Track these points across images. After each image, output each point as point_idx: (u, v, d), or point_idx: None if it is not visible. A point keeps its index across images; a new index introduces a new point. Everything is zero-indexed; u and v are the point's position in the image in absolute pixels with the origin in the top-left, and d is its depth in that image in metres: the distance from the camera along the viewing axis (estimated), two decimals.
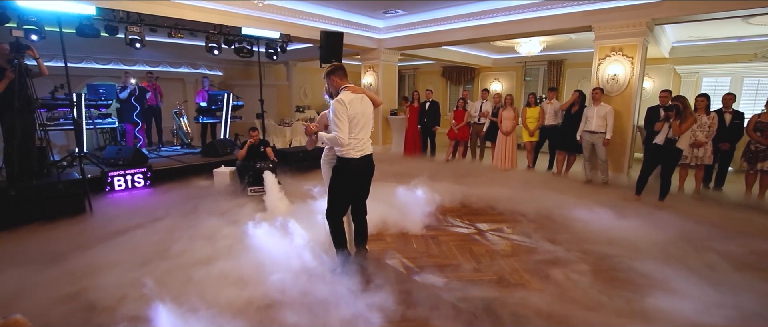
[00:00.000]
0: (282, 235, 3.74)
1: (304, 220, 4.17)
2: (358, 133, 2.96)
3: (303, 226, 3.92)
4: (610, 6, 6.14)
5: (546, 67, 12.27)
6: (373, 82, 9.76)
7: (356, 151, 2.96)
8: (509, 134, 7.37)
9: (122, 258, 3.29)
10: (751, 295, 2.74)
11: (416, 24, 8.60)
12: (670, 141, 4.96)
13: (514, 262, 3.45)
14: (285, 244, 3.53)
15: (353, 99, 2.92)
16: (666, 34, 8.67)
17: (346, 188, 3.06)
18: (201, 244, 3.59)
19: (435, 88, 12.87)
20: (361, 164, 3.02)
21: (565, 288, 2.93)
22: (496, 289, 2.94)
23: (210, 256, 3.33)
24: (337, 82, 3.04)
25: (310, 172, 6.95)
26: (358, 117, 2.94)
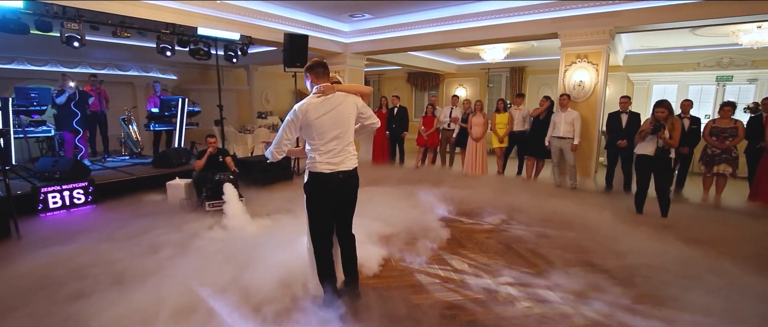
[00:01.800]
0: (245, 257, 3.38)
1: (271, 238, 3.83)
2: (327, 143, 2.49)
3: (270, 245, 3.58)
4: (576, 14, 6.25)
5: (508, 73, 12.49)
6: None
7: (326, 165, 2.49)
8: (479, 140, 7.33)
9: (35, 298, 2.73)
10: None
11: (383, 28, 8.43)
12: (663, 151, 4.63)
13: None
14: (250, 267, 3.16)
15: (315, 104, 2.47)
16: (621, 43, 9.03)
17: (319, 208, 2.59)
18: (141, 269, 3.18)
19: (400, 94, 12.76)
20: (334, 181, 2.51)
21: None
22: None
23: (148, 291, 2.80)
24: (313, 79, 2.59)
25: (276, 183, 6.54)
26: (323, 123, 2.47)
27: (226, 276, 3.02)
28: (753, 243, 3.98)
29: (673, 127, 4.56)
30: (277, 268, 3.08)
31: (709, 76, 9.90)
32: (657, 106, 4.63)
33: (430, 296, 2.90)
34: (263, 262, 3.24)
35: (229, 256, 3.43)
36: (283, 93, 13.67)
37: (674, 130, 4.57)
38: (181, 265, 3.24)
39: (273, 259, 3.28)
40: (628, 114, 6.07)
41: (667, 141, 4.56)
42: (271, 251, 3.44)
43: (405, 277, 3.22)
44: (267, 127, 9.97)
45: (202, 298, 2.72)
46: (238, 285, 2.88)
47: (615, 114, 6.19)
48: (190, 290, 2.80)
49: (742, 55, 9.26)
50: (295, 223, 4.26)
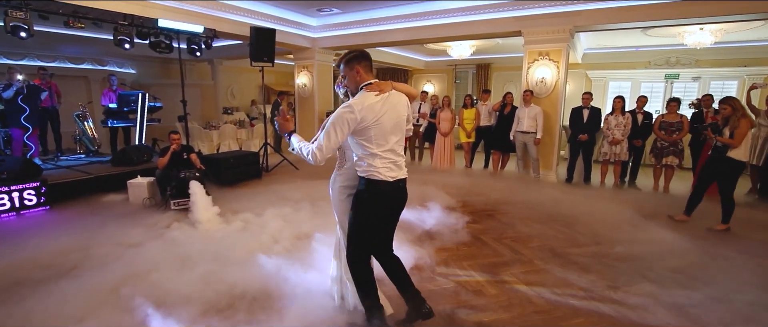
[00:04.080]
0: (208, 260, 3.28)
1: (240, 238, 3.79)
2: (387, 147, 2.11)
3: (235, 248, 3.54)
4: (538, 13, 6.49)
5: (474, 70, 12.79)
6: (308, 82, 9.37)
7: (388, 171, 2.11)
8: (447, 135, 7.49)
9: None
10: None
11: (351, 23, 8.41)
12: (719, 150, 4.30)
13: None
14: (210, 272, 3.06)
15: (374, 103, 2.06)
16: (580, 42, 9.46)
17: (375, 223, 2.22)
18: (95, 271, 3.05)
19: None
20: (395, 190, 2.17)
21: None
22: None
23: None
24: (362, 75, 2.15)
25: (245, 182, 6.41)
26: (384, 125, 2.09)
27: (182, 282, 2.87)
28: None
29: (736, 125, 4.18)
30: (238, 275, 2.99)
31: (658, 73, 10.57)
32: (585, 95, 4.67)
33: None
34: (225, 266, 3.17)
35: (188, 258, 3.31)
36: (250, 88, 13.36)
37: (739, 128, 4.16)
38: (138, 265, 3.16)
39: (235, 264, 3.20)
40: (589, 109, 6.39)
41: (726, 141, 4.24)
42: (235, 255, 3.39)
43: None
44: (234, 123, 9.72)
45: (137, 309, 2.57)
46: (188, 293, 2.72)
47: (577, 109, 6.50)
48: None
49: (687, 55, 9.94)
50: (265, 223, 4.21)
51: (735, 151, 4.21)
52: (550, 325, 2.50)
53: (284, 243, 3.69)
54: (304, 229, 4.02)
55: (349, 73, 2.17)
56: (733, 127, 4.21)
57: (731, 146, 4.21)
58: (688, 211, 4.61)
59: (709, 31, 7.39)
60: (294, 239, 3.80)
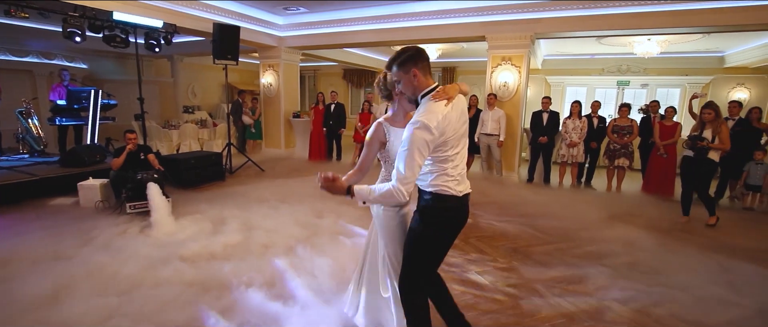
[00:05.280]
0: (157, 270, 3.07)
1: (198, 243, 3.63)
2: (456, 159, 1.87)
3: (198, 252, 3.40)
4: (502, 19, 6.71)
5: (441, 73, 13.03)
6: (274, 82, 9.18)
7: (456, 185, 1.86)
8: None
9: None
10: None
11: (318, 23, 8.33)
12: (702, 153, 4.60)
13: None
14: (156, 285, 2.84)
15: (447, 113, 1.76)
16: (540, 48, 9.86)
17: (439, 245, 1.94)
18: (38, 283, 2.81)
19: (336, 90, 12.72)
20: (462, 206, 1.93)
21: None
22: None
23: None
24: (420, 79, 1.82)
25: (206, 184, 6.18)
26: (456, 134, 1.83)
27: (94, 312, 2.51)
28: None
29: (718, 129, 4.54)
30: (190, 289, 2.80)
31: (611, 80, 11.22)
32: (545, 100, 4.92)
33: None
34: (175, 276, 2.99)
35: (120, 275, 2.99)
36: (212, 86, 12.92)
37: (722, 132, 4.53)
38: (61, 281, 2.86)
39: (185, 281, 2.94)
40: (548, 113, 6.67)
41: (718, 146, 4.55)
42: (189, 263, 3.23)
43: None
44: (195, 123, 9.36)
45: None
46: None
47: (537, 113, 6.77)
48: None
49: (636, 63, 10.60)
50: (227, 227, 4.07)
51: (713, 153, 4.57)
52: (514, 321, 2.59)
53: (249, 249, 3.54)
54: (272, 237, 3.82)
55: (405, 77, 1.82)
56: (715, 131, 4.57)
57: (720, 149, 4.57)
58: (686, 212, 4.92)
59: (656, 41, 7.92)
60: (261, 247, 3.60)
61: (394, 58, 1.84)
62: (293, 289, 2.87)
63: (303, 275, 3.04)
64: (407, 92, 1.88)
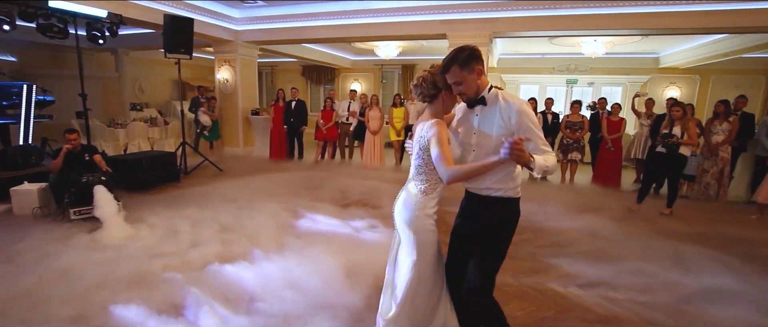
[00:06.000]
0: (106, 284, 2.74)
1: (149, 252, 3.35)
2: None
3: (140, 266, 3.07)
4: (462, 17, 6.86)
5: (400, 70, 13.12)
6: (230, 78, 8.82)
7: (519, 186, 1.87)
8: (377, 133, 7.58)
9: None
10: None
11: (277, 17, 8.09)
12: (673, 147, 4.87)
13: None
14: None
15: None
16: (496, 47, 10.20)
17: (506, 249, 1.90)
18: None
19: (296, 87, 12.47)
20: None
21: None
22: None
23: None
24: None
25: (160, 186, 5.83)
26: None
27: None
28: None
29: (686, 126, 4.85)
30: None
31: (561, 79, 11.85)
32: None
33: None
34: (135, 292, 2.66)
35: (78, 294, 2.64)
36: (162, 82, 12.19)
37: (690, 129, 4.84)
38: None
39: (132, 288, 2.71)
40: None
41: (688, 142, 4.87)
42: (137, 276, 2.90)
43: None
44: (144, 121, 8.78)
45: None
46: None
47: None
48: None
49: (584, 63, 11.25)
50: (181, 232, 3.80)
51: (683, 148, 4.90)
52: None
53: (206, 257, 3.24)
54: (232, 246, 3.48)
55: (469, 76, 1.74)
56: (684, 128, 4.89)
57: (690, 144, 4.90)
58: (641, 200, 5.24)
59: (602, 42, 8.44)
60: (220, 253, 3.33)
61: (453, 59, 1.74)
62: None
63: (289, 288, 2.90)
64: (469, 92, 1.78)
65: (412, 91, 1.91)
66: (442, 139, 1.71)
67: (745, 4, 5.71)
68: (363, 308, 2.53)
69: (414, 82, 1.87)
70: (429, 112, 1.88)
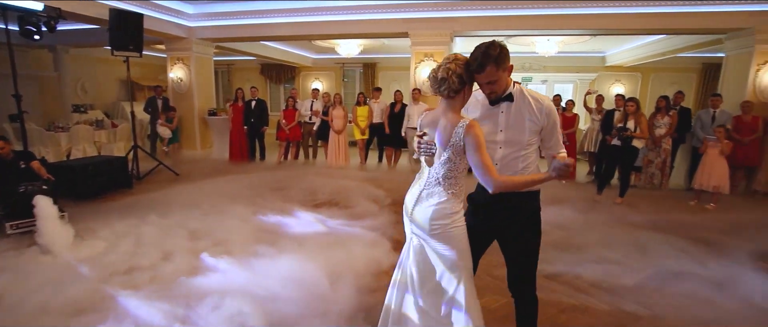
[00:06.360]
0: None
1: (97, 268, 3.03)
2: None
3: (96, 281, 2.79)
4: (423, 16, 6.94)
5: (362, 69, 13.08)
6: (184, 77, 8.40)
7: None
8: (341, 132, 7.51)
9: None
10: None
11: (233, 14, 7.80)
12: (627, 139, 5.16)
13: None
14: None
15: None
16: (456, 46, 10.40)
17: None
18: None
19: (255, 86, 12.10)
20: None
21: None
22: None
23: None
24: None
25: (110, 193, 5.42)
26: None
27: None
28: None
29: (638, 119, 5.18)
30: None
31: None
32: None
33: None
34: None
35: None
36: (108, 82, 11.38)
37: (641, 123, 5.16)
38: None
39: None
40: None
41: (639, 135, 5.16)
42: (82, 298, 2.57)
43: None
44: (89, 124, 8.16)
45: None
46: None
47: None
48: None
49: (537, 61, 11.74)
50: (136, 244, 3.51)
51: (636, 141, 5.22)
52: None
53: (174, 270, 3.00)
54: (203, 254, 3.24)
55: (503, 74, 1.70)
56: (637, 122, 5.20)
57: (642, 137, 5.21)
58: (601, 190, 5.58)
59: (554, 42, 8.85)
60: (189, 263, 3.09)
61: (488, 57, 1.64)
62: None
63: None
64: (500, 90, 1.74)
65: (431, 85, 1.73)
66: (482, 143, 1.62)
67: (680, 7, 6.20)
68: (353, 310, 2.50)
69: (440, 76, 1.67)
70: (448, 108, 1.71)
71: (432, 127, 1.75)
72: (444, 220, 1.71)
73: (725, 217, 4.77)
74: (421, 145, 1.77)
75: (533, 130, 1.77)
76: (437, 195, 1.73)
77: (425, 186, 1.77)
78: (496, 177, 1.61)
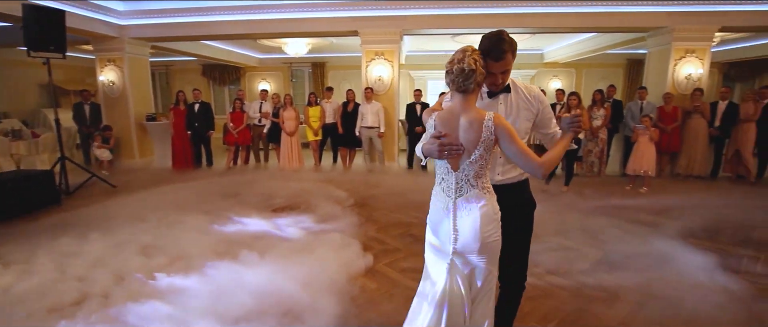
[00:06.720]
0: None
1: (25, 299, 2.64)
2: None
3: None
4: (373, 14, 6.92)
5: (310, 68, 12.82)
6: (117, 80, 7.72)
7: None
8: (293, 134, 7.30)
9: None
10: None
11: (170, 11, 7.29)
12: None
13: None
14: None
15: None
16: (405, 44, 10.53)
17: None
18: None
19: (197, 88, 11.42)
20: None
21: None
22: None
23: None
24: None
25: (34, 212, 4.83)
26: None
27: None
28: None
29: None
30: None
31: None
32: (416, 92, 5.50)
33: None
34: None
35: None
36: (26, 87, 10.16)
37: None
38: None
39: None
40: (421, 105, 7.17)
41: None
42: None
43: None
44: (3, 134, 7.24)
45: None
46: None
47: (411, 105, 7.24)
48: None
49: None
50: (67, 269, 3.06)
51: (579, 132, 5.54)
52: None
53: (126, 293, 2.67)
54: (140, 281, 2.84)
55: (511, 63, 1.68)
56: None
57: (585, 129, 5.59)
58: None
59: None
60: (142, 286, 2.77)
61: (508, 44, 1.62)
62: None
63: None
64: (506, 80, 1.74)
65: (455, 79, 1.57)
66: (514, 131, 1.57)
67: (609, 7, 6.72)
68: (336, 318, 2.43)
69: (469, 68, 1.53)
70: (466, 103, 1.60)
71: (449, 127, 1.60)
72: (493, 224, 1.59)
73: (657, 200, 5.24)
74: (446, 147, 1.58)
75: (529, 118, 1.82)
76: (475, 198, 1.60)
77: (457, 192, 1.62)
78: (539, 160, 1.56)
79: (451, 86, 1.61)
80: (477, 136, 1.56)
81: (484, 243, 1.58)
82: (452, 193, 1.63)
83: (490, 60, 1.61)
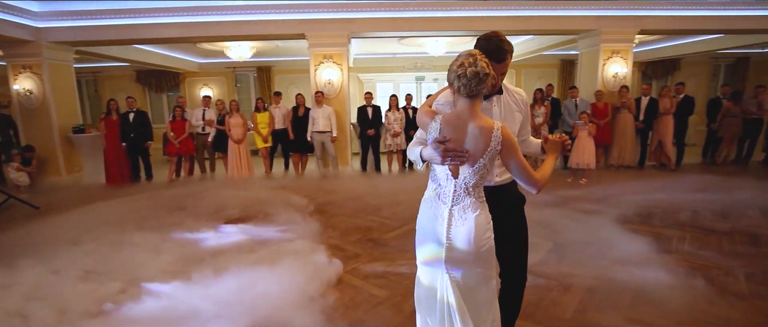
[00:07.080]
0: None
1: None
2: None
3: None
4: (320, 17, 6.82)
5: (256, 73, 12.39)
6: (35, 88, 6.93)
7: None
8: (241, 142, 6.99)
9: None
10: None
11: (95, 13, 6.68)
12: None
13: None
14: None
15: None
16: (352, 47, 10.50)
17: None
18: None
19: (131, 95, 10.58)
20: None
21: None
22: None
23: None
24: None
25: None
26: None
27: None
28: None
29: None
30: None
31: (410, 76, 12.90)
32: (367, 95, 5.51)
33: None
34: None
35: None
36: None
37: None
38: None
39: None
40: (372, 107, 7.18)
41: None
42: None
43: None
44: None
45: None
46: None
47: (362, 108, 7.22)
48: None
49: (429, 61, 12.47)
50: (17, 298, 2.72)
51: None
52: (395, 310, 2.68)
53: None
54: (72, 318, 2.50)
55: (506, 69, 1.67)
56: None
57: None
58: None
59: (443, 42, 9.50)
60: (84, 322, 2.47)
61: (508, 44, 1.61)
62: None
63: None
64: (501, 82, 1.74)
65: (468, 84, 1.48)
66: (518, 146, 1.55)
67: (545, 11, 7.16)
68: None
69: (482, 72, 1.46)
70: (473, 109, 1.53)
71: (457, 133, 1.52)
72: (487, 232, 1.57)
73: (595, 189, 5.65)
74: (450, 153, 1.50)
75: (519, 119, 1.82)
76: (471, 207, 1.56)
77: (453, 200, 1.57)
78: (536, 176, 1.55)
79: (461, 90, 1.50)
80: (485, 146, 1.50)
81: (478, 252, 1.56)
82: (449, 201, 1.58)
83: (492, 62, 1.56)
